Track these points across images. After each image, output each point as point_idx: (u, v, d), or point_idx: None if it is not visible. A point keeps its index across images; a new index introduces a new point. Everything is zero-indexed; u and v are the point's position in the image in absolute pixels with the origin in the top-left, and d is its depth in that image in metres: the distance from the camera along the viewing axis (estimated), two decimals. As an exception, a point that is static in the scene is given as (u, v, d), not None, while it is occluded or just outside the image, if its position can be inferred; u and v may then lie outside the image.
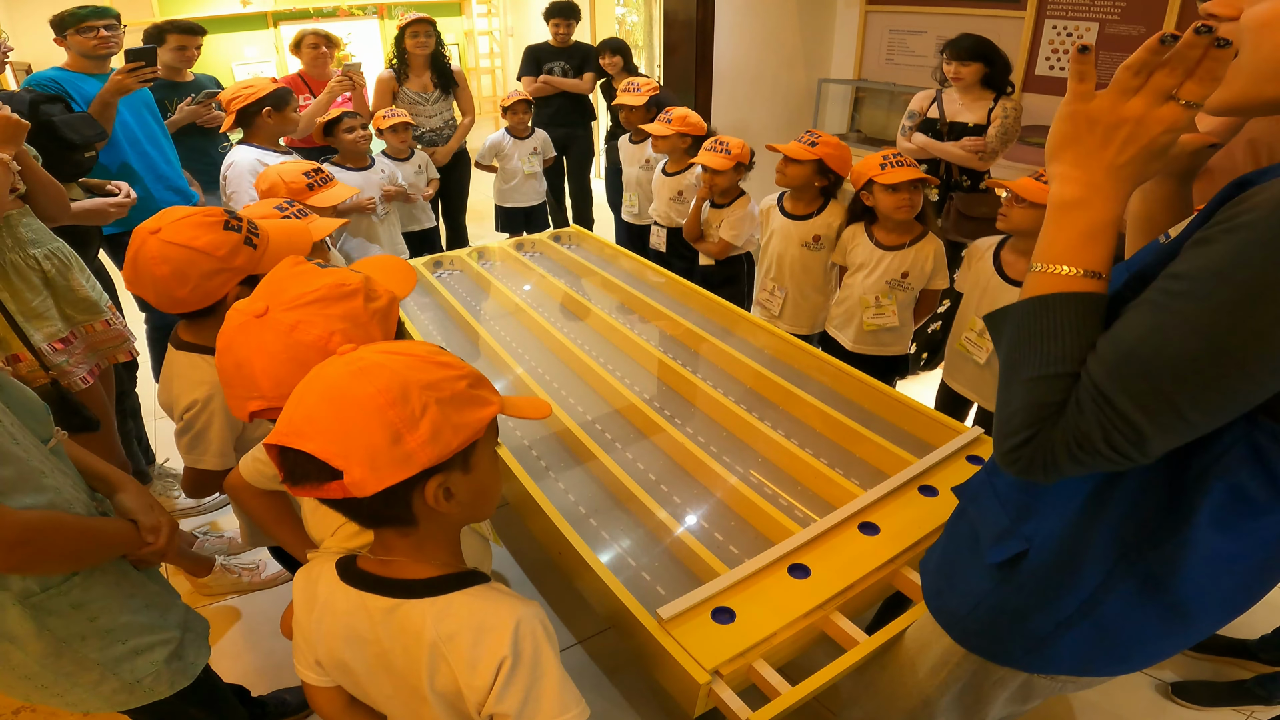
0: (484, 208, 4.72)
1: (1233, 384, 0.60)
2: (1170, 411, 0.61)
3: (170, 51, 2.88)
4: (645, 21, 7.83)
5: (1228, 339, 0.58)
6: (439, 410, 0.71)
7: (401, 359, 0.73)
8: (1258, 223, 0.58)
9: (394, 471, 0.69)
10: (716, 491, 1.54)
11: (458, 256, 2.78)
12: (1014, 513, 0.87)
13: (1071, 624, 0.83)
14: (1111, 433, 0.63)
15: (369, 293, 0.94)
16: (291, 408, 0.72)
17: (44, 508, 0.95)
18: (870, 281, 2.16)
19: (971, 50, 2.75)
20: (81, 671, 1.03)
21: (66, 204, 1.84)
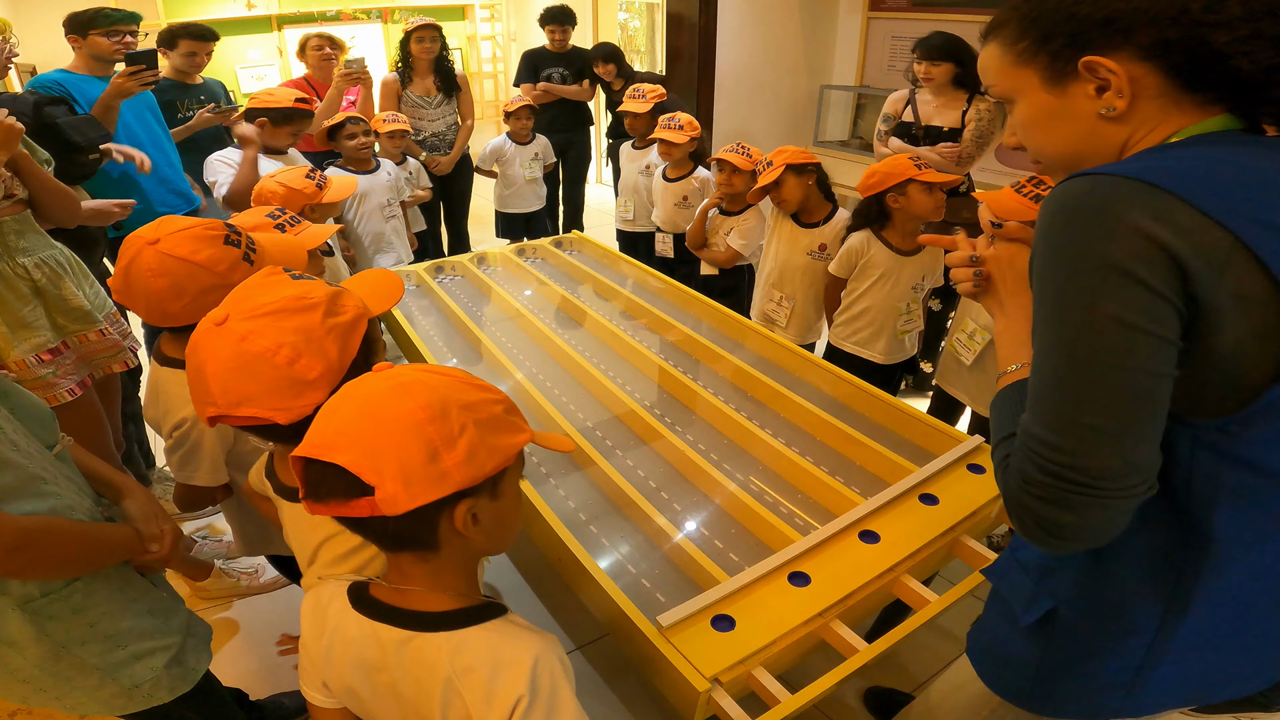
0: (485, 213, 4.73)
1: (1102, 379, 0.64)
2: (1072, 422, 0.65)
3: (180, 56, 2.89)
4: (647, 27, 7.86)
5: (1069, 347, 0.66)
6: (476, 432, 0.71)
7: (441, 378, 0.73)
8: (1035, 250, 0.70)
9: (428, 490, 0.68)
10: (716, 498, 1.54)
11: (459, 262, 2.78)
12: (1037, 576, 0.88)
13: (1155, 662, 0.81)
14: (1041, 460, 0.67)
15: (332, 308, 0.92)
16: (323, 420, 0.72)
17: (45, 514, 0.94)
18: (899, 291, 2.13)
19: (942, 49, 2.67)
20: (80, 675, 1.02)
21: (76, 207, 1.81)
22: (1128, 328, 0.63)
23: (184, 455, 1.29)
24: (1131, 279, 0.62)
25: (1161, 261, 0.61)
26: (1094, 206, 0.64)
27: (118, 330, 1.88)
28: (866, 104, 4.41)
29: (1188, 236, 0.60)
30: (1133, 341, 0.63)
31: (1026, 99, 0.77)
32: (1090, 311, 0.64)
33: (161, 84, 2.62)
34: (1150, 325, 0.62)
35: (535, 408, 1.84)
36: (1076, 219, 0.65)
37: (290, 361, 0.87)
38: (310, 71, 3.51)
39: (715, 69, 4.01)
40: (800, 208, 2.38)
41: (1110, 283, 0.62)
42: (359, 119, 2.94)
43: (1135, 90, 0.69)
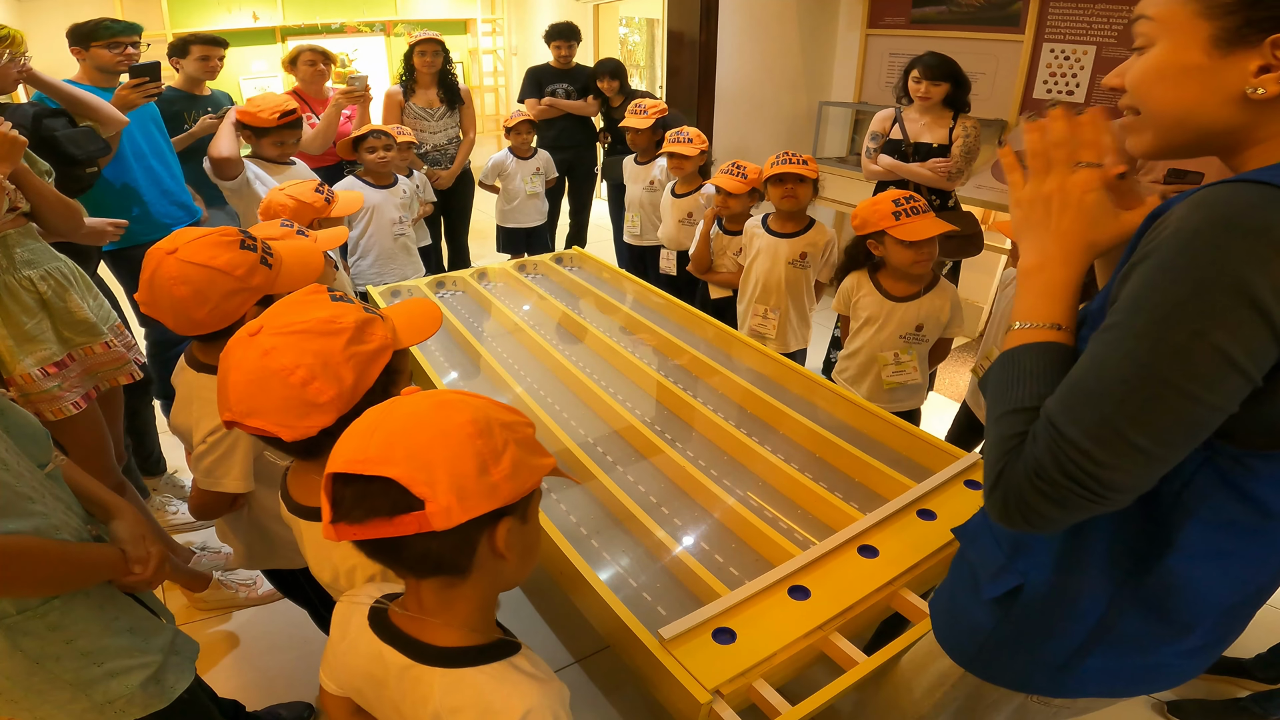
0: (485, 227, 4.75)
1: (1170, 404, 0.62)
2: (1116, 436, 0.64)
3: (194, 62, 2.92)
4: (647, 42, 7.93)
5: (1152, 360, 0.62)
6: (517, 449, 0.72)
7: (476, 398, 0.75)
8: (1160, 247, 0.64)
9: (480, 502, 0.69)
10: (715, 513, 1.55)
11: (460, 277, 2.80)
12: (1009, 549, 0.89)
13: (1088, 650, 0.85)
14: (1064, 461, 0.66)
15: (358, 336, 0.94)
16: (363, 437, 0.71)
17: (29, 533, 0.95)
18: (883, 337, 2.03)
19: (942, 70, 2.77)
20: (52, 690, 1.03)
21: (78, 219, 1.81)
22: (1228, 363, 0.60)
23: (216, 460, 1.30)
24: (1260, 315, 0.59)
25: None
26: (1257, 227, 0.59)
27: (122, 342, 1.88)
28: (864, 120, 4.45)
29: None
30: (1224, 377, 0.61)
31: (1173, 46, 0.70)
32: (1199, 336, 0.60)
33: (168, 94, 2.64)
34: (1248, 365, 0.60)
35: (536, 422, 1.85)
36: (1231, 234, 0.60)
37: (304, 383, 0.89)
38: (301, 85, 3.50)
39: (715, 85, 4.05)
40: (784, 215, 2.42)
41: (1236, 314, 0.59)
42: (383, 132, 2.94)
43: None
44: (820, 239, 2.40)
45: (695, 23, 3.87)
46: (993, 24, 3.64)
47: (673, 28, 4.07)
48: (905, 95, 2.91)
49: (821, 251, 2.41)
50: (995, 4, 3.61)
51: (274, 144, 2.60)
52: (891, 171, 2.95)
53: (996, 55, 3.58)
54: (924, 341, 2.03)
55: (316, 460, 0.95)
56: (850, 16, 4.30)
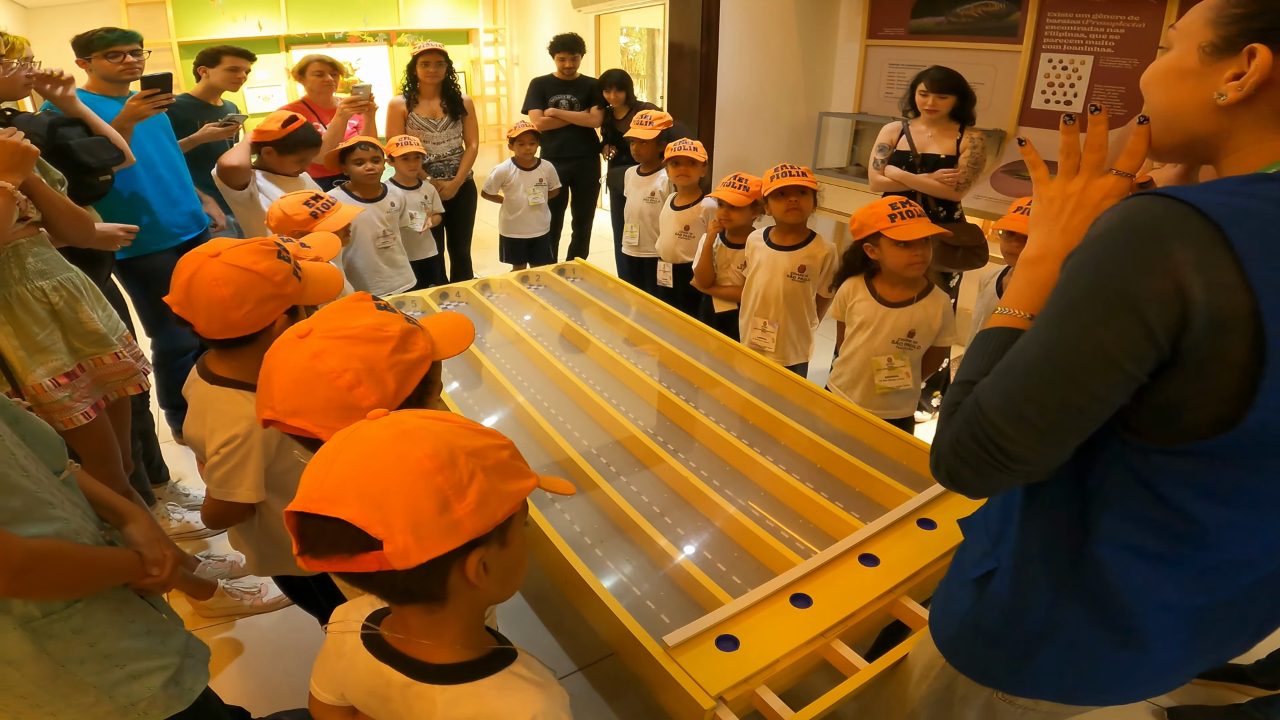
0: (488, 237, 4.77)
1: (1060, 388, 0.69)
2: (1016, 413, 0.71)
3: (223, 72, 2.99)
4: (648, 52, 7.98)
5: (1051, 347, 0.70)
6: (485, 478, 0.68)
7: (443, 424, 0.71)
8: (1082, 246, 0.70)
9: (440, 541, 0.66)
10: (717, 522, 1.56)
11: (463, 288, 2.82)
12: (993, 537, 0.93)
13: (1040, 644, 0.87)
14: (978, 431, 0.73)
15: (402, 345, 0.96)
16: (320, 472, 0.68)
17: (51, 537, 0.97)
18: (876, 342, 2.07)
19: (948, 83, 2.84)
20: (77, 693, 1.04)
21: (90, 227, 1.83)
22: (1108, 360, 0.66)
23: (228, 472, 1.32)
24: (1137, 319, 0.64)
25: (1175, 311, 0.63)
26: (1149, 234, 0.64)
27: (131, 353, 1.90)
28: (864, 130, 4.48)
29: (1215, 294, 0.61)
30: (1105, 372, 0.67)
31: (1180, 50, 0.75)
32: (1088, 330, 0.67)
33: (182, 101, 2.67)
34: (1128, 364, 0.66)
35: (538, 432, 1.87)
36: (1129, 240, 0.65)
37: (350, 386, 0.91)
38: (309, 95, 3.54)
39: (716, 96, 4.08)
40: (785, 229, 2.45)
41: (1118, 316, 0.65)
42: (370, 144, 2.97)
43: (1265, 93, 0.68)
44: (820, 252, 2.42)
45: (696, 34, 3.90)
46: (991, 34, 3.68)
47: (673, 39, 4.11)
48: (912, 108, 2.96)
49: (821, 264, 2.44)
50: (993, 14, 3.64)
51: (296, 161, 2.65)
52: (899, 182, 2.97)
53: (995, 65, 3.61)
54: (916, 348, 2.06)
55: None
56: (850, 27, 4.34)
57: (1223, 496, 0.71)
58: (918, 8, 3.95)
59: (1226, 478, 0.70)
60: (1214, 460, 0.69)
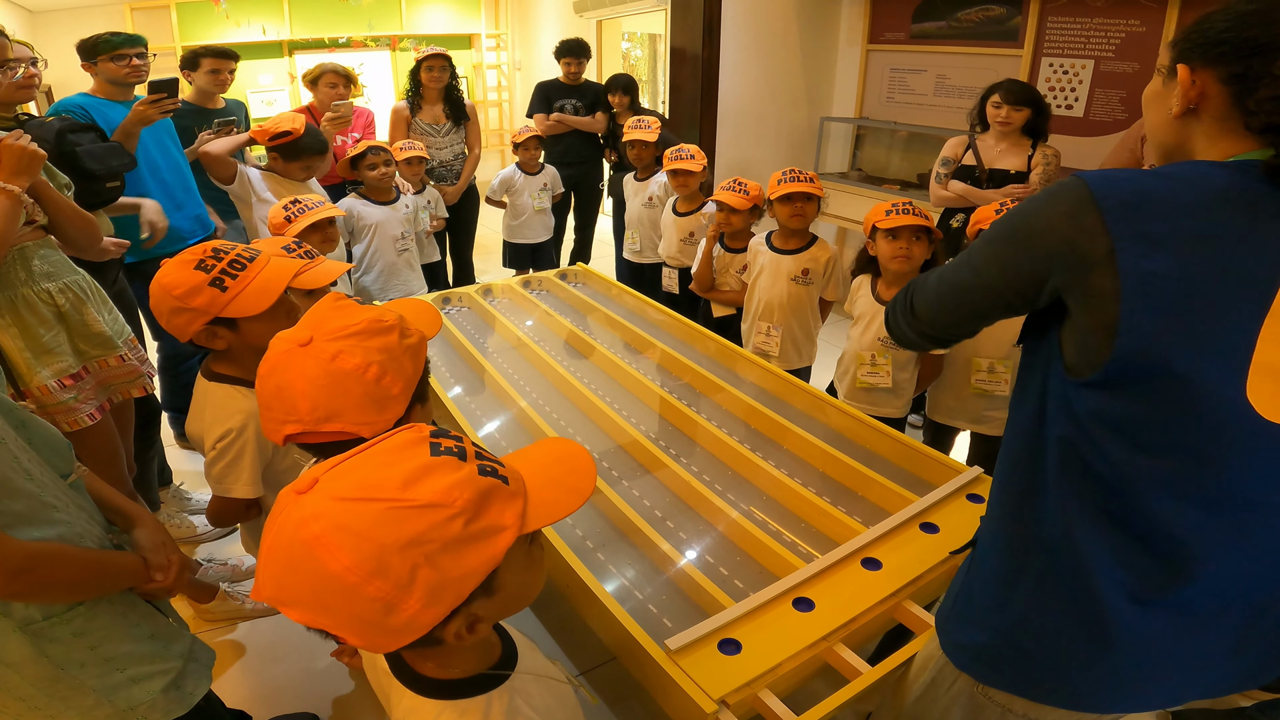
0: (490, 242, 4.78)
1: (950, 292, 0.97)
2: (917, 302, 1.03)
3: (205, 75, 2.95)
4: (649, 57, 8.00)
5: (970, 254, 0.92)
6: (431, 569, 0.59)
7: (366, 511, 0.59)
8: (1017, 205, 0.87)
9: (396, 639, 0.61)
10: (720, 527, 1.57)
11: (466, 293, 2.82)
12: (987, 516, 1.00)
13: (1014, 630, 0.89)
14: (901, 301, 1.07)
15: (403, 330, 0.99)
16: (261, 570, 0.62)
17: (53, 540, 0.97)
18: (867, 338, 2.12)
19: (1024, 95, 2.74)
20: (76, 696, 1.04)
21: (96, 233, 1.84)
22: (984, 273, 0.89)
23: (225, 467, 1.33)
24: (1025, 246, 0.83)
25: (1050, 244, 0.79)
26: (1055, 195, 0.79)
27: (136, 356, 1.90)
28: (865, 135, 4.49)
29: (1081, 235, 0.75)
30: (982, 282, 0.90)
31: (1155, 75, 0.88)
32: (993, 246, 0.88)
33: (181, 109, 2.68)
34: (1002, 279, 0.87)
35: (540, 436, 1.87)
36: (1046, 197, 0.81)
37: (378, 378, 0.92)
38: (315, 101, 3.53)
39: (718, 101, 4.09)
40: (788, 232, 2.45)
41: (1013, 242, 0.85)
42: (380, 148, 2.97)
43: (1203, 105, 0.80)
44: (822, 255, 2.43)
45: (697, 39, 3.91)
46: (992, 39, 3.68)
47: (675, 44, 4.12)
48: (981, 122, 2.87)
49: (824, 268, 2.44)
50: (994, 19, 3.65)
51: (302, 169, 2.66)
52: (963, 197, 2.87)
53: (996, 70, 3.61)
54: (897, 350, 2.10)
55: None
56: (851, 32, 4.35)
57: (1135, 438, 0.77)
58: (919, 12, 3.96)
59: (1135, 415, 0.76)
60: (1116, 393, 0.76)
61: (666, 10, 4.15)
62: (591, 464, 0.76)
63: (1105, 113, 3.34)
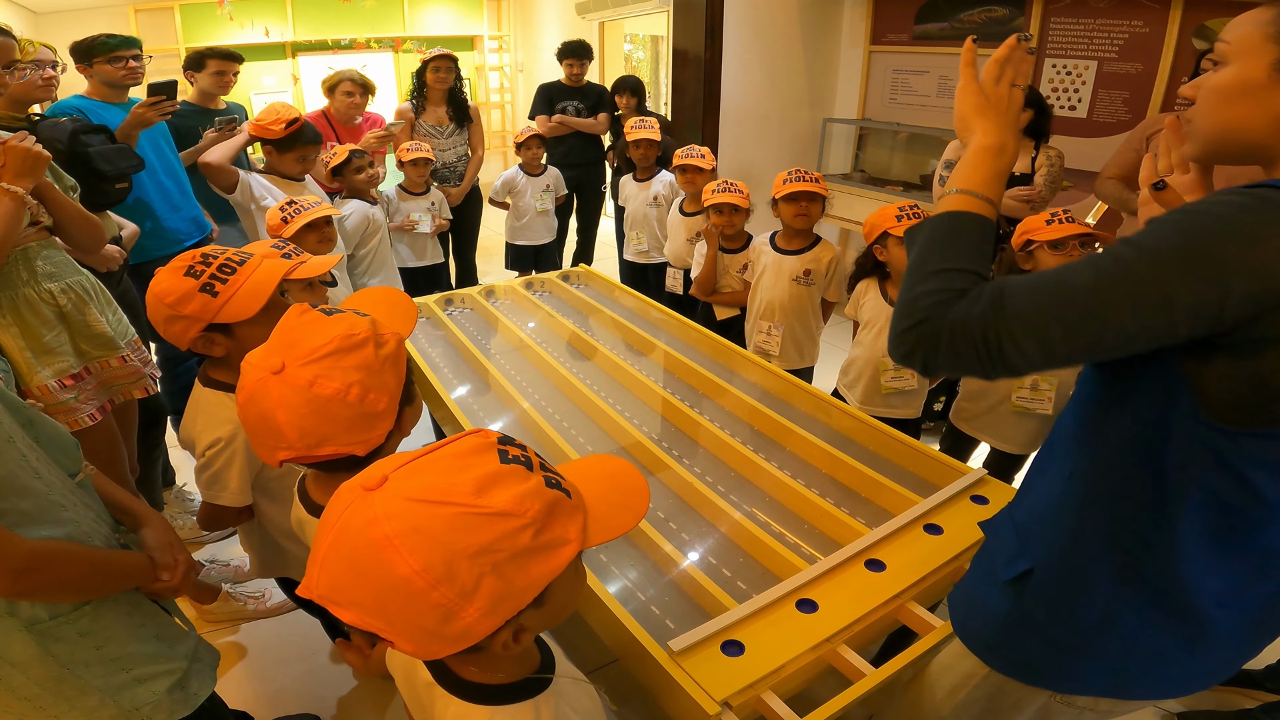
0: (492, 244, 4.77)
1: (1099, 325, 0.71)
2: (1039, 331, 0.73)
3: (209, 76, 2.96)
4: (651, 59, 8.00)
5: (1113, 283, 0.71)
6: (497, 578, 0.59)
7: (441, 514, 0.59)
8: (1193, 209, 0.70)
9: (449, 647, 0.61)
10: (722, 528, 1.56)
11: (468, 294, 2.82)
12: (1021, 536, 0.94)
13: (1095, 640, 0.88)
14: (989, 326, 0.74)
15: (378, 339, 0.95)
16: (316, 565, 0.62)
17: (60, 539, 0.97)
18: (881, 342, 2.09)
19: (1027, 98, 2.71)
20: (81, 696, 1.04)
21: (100, 234, 1.84)
22: (1169, 312, 0.69)
23: (213, 475, 1.33)
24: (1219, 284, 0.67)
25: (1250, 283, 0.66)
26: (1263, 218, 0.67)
27: (139, 357, 1.91)
28: (868, 136, 4.49)
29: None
30: (1155, 320, 0.69)
31: (1241, 68, 0.77)
32: (1163, 278, 0.68)
33: (181, 109, 2.69)
34: (1183, 322, 0.69)
35: (544, 438, 1.86)
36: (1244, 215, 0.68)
37: (361, 398, 0.90)
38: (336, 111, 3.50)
39: (720, 102, 4.09)
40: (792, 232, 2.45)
41: (1201, 275, 0.67)
42: (362, 152, 2.98)
43: None
44: (825, 256, 2.42)
45: (700, 41, 3.90)
46: (994, 40, 3.60)
47: (677, 45, 4.11)
48: None
49: (826, 268, 2.44)
50: (996, 20, 3.65)
51: (296, 159, 2.61)
52: None
53: (999, 72, 3.60)
54: None
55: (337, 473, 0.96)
56: (853, 34, 4.35)
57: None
58: (921, 13, 3.96)
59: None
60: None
61: (669, 12, 4.15)
62: (644, 483, 0.76)
63: (1109, 113, 3.33)
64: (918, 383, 2.10)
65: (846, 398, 2.25)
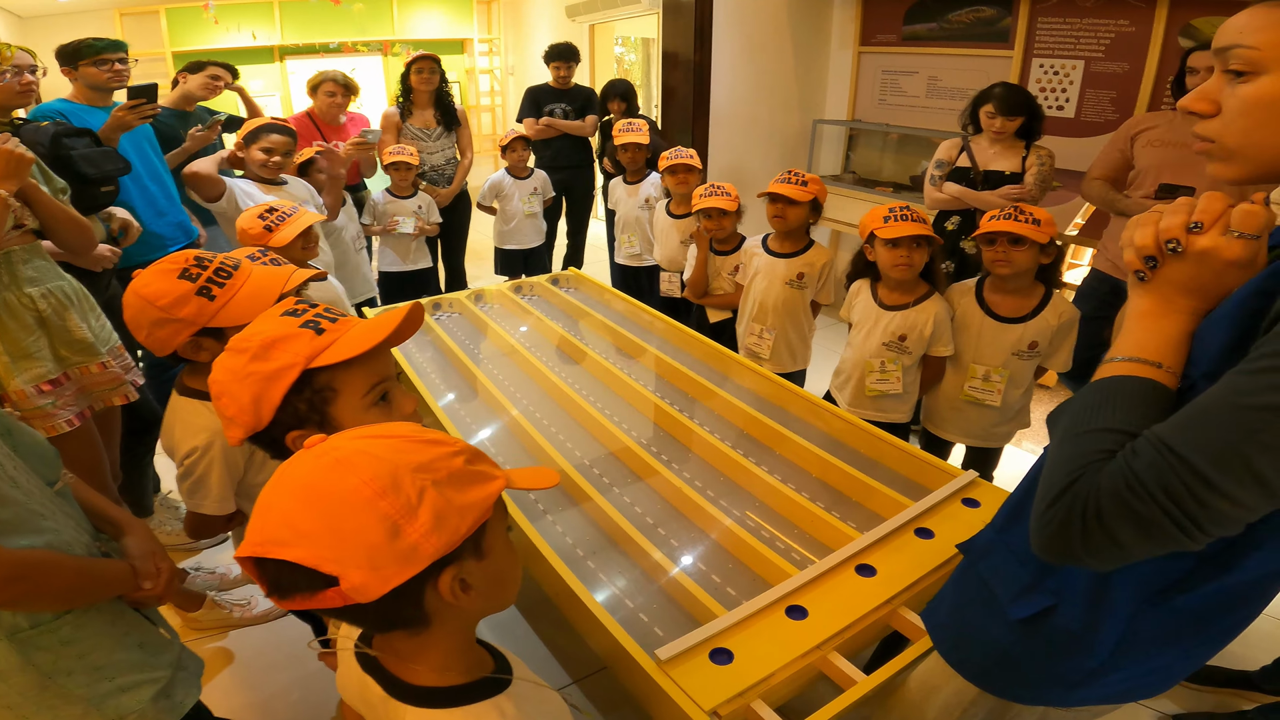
0: (482, 249, 4.76)
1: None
2: (1240, 463, 0.60)
3: (204, 78, 3.04)
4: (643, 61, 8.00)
5: None
6: (437, 493, 0.64)
7: (384, 442, 0.66)
8: None
9: (399, 569, 0.62)
10: (712, 534, 1.55)
11: (456, 299, 2.80)
12: (1036, 568, 0.88)
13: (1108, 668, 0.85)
14: (1169, 477, 0.62)
15: (262, 354, 0.93)
16: (262, 515, 0.64)
17: (42, 548, 0.96)
18: (871, 343, 2.10)
19: (1016, 103, 2.69)
20: (65, 705, 1.02)
21: (90, 238, 1.83)
22: None
23: (194, 483, 1.32)
24: None
25: None
26: None
27: (120, 364, 1.89)
28: (858, 137, 4.49)
29: None
30: None
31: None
32: None
33: (160, 114, 2.67)
34: None
35: (532, 445, 1.85)
36: None
37: (218, 397, 0.94)
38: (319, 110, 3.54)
39: (710, 104, 4.08)
40: (785, 235, 2.44)
41: None
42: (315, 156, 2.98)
43: None
44: (819, 260, 2.42)
45: (690, 43, 3.91)
46: (983, 40, 3.69)
47: (667, 48, 4.11)
48: (973, 124, 2.84)
49: (819, 273, 2.43)
50: (984, 20, 3.66)
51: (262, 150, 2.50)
52: (958, 199, 2.84)
53: (987, 71, 3.62)
54: (907, 353, 2.06)
55: None
56: (842, 35, 4.35)
57: None
58: (910, 14, 3.97)
59: None
60: None
61: (659, 14, 4.15)
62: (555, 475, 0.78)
63: (1096, 113, 3.34)
64: (903, 386, 2.09)
65: (838, 400, 2.24)
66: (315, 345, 0.93)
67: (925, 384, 2.16)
